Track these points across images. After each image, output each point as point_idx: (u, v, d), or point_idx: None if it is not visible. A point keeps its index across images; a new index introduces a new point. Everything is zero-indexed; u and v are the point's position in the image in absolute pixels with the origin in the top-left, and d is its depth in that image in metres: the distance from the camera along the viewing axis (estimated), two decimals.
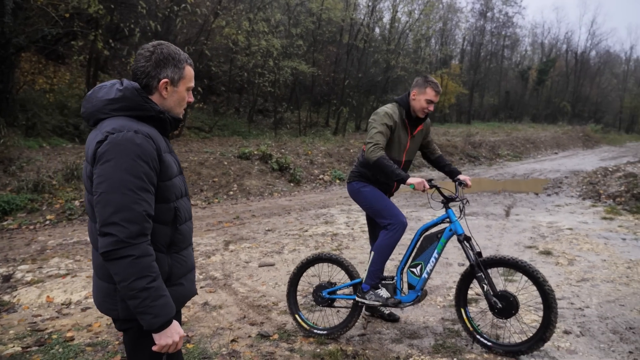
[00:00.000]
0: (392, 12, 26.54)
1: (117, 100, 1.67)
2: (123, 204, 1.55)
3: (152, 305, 1.57)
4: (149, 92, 1.74)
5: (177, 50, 1.77)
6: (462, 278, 3.38)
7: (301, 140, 17.16)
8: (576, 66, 50.39)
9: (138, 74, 1.73)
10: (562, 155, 22.49)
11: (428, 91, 3.42)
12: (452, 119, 38.34)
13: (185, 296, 1.86)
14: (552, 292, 3.01)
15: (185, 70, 1.78)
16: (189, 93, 1.84)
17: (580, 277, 4.83)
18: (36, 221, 7.75)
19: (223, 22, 16.39)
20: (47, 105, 14.03)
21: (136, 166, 1.57)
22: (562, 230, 6.87)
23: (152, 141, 1.64)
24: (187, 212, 1.86)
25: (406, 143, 3.57)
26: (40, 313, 4.21)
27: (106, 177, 1.56)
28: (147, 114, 1.70)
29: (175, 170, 1.77)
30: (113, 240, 1.53)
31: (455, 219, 3.29)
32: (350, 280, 3.56)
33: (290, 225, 7.40)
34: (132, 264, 1.54)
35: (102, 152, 1.57)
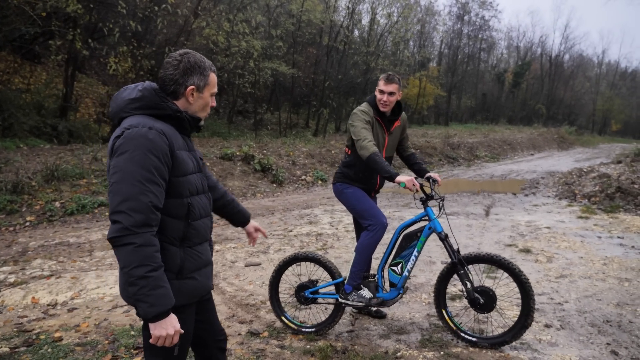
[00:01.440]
0: (371, 15, 26.81)
1: (137, 100, 1.79)
2: (130, 194, 1.63)
3: (148, 294, 1.62)
4: (175, 97, 1.86)
5: (202, 59, 1.87)
6: (440, 279, 3.46)
7: (282, 141, 17.19)
8: (550, 69, 51.68)
9: (166, 81, 1.84)
10: (538, 157, 23.05)
11: (379, 83, 3.50)
12: (430, 120, 38.87)
13: (197, 289, 1.91)
14: (528, 281, 3.14)
15: (210, 78, 1.90)
16: (213, 98, 1.95)
17: (559, 273, 5.02)
18: (16, 223, 7.61)
19: (203, 22, 16.31)
20: (23, 106, 13.73)
21: (147, 160, 1.66)
22: (540, 229, 7.09)
23: (166, 137, 1.73)
24: (204, 209, 1.93)
25: (384, 140, 3.63)
26: (26, 314, 4.17)
27: (119, 169, 1.66)
28: (165, 112, 1.80)
29: (191, 168, 1.85)
30: (119, 227, 1.62)
31: (434, 217, 3.36)
32: (331, 278, 3.61)
33: (274, 226, 7.44)
34: (134, 252, 1.61)
35: (118, 146, 1.69)
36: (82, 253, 6.04)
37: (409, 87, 33.75)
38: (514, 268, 3.16)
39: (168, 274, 1.77)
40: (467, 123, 40.57)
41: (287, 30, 22.45)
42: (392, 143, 3.72)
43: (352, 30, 26.18)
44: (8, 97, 13.48)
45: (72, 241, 6.64)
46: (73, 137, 13.94)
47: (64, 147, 12.19)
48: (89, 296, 4.58)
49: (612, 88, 59.27)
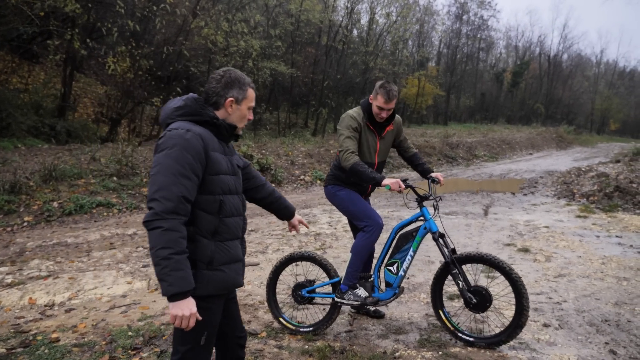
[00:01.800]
0: (370, 14, 26.82)
1: (180, 108, 2.05)
2: (164, 184, 1.86)
3: (169, 274, 1.81)
4: (216, 108, 2.11)
5: (242, 76, 2.14)
6: (435, 280, 3.46)
7: (281, 141, 17.17)
8: (549, 69, 51.74)
9: (210, 94, 2.10)
10: (536, 156, 23.07)
11: (378, 98, 3.43)
12: (429, 120, 38.89)
13: (226, 282, 2.07)
14: (520, 279, 3.12)
15: (248, 92, 2.14)
16: (250, 112, 2.19)
17: (558, 273, 5.02)
18: (13, 223, 7.59)
19: (202, 22, 16.28)
20: (21, 105, 13.70)
21: (182, 156, 1.90)
22: (538, 229, 7.09)
23: (201, 139, 1.96)
24: (235, 209, 2.13)
25: (375, 145, 3.61)
26: (23, 315, 4.16)
27: (157, 163, 1.91)
28: (203, 118, 2.04)
29: (224, 169, 2.06)
30: (152, 212, 1.85)
31: (430, 217, 3.37)
32: (328, 277, 3.62)
33: (273, 226, 7.43)
34: (161, 235, 1.82)
35: (159, 144, 1.95)
36: (80, 253, 6.02)
37: (408, 87, 33.77)
38: (505, 267, 3.15)
39: (199, 264, 1.97)
40: (466, 123, 40.59)
41: (285, 29, 22.44)
42: (385, 147, 3.70)
43: (351, 30, 26.18)
44: (6, 97, 13.45)
45: (69, 241, 6.62)
46: (71, 137, 13.91)
47: (62, 147, 12.17)
48: (87, 297, 4.56)
49: (611, 87, 59.36)
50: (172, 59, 16.67)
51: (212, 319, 2.06)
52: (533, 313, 3.90)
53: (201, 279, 1.98)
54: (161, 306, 4.27)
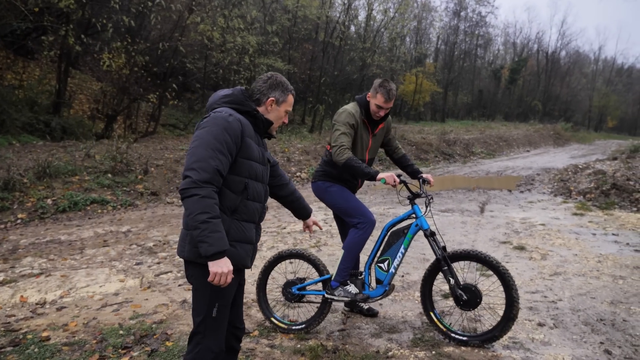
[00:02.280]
0: (368, 10, 26.73)
1: (227, 96, 2.28)
2: (203, 156, 2.05)
3: (209, 235, 1.99)
4: (258, 104, 2.33)
5: (286, 82, 2.38)
6: (425, 279, 3.44)
7: (278, 137, 17.13)
8: (547, 66, 51.72)
9: (255, 91, 2.34)
10: (533, 153, 23.07)
11: (378, 97, 3.45)
12: (426, 117, 38.83)
13: (234, 258, 2.19)
14: (508, 272, 3.11)
15: (288, 97, 2.38)
16: (286, 116, 2.41)
17: (553, 271, 4.99)
18: (7, 220, 7.53)
19: (198, 18, 16.18)
20: (16, 102, 13.59)
21: (221, 134, 2.10)
22: (535, 226, 7.07)
23: (240, 124, 2.17)
24: (258, 195, 2.30)
25: (368, 141, 3.63)
26: (13, 313, 4.11)
27: (198, 137, 2.11)
28: (245, 108, 2.27)
29: (255, 155, 2.24)
30: (189, 180, 2.02)
31: (421, 215, 3.37)
32: (318, 274, 3.60)
33: (268, 223, 7.39)
34: (198, 201, 2.00)
35: (203, 123, 2.17)
36: (73, 251, 5.97)
37: (405, 84, 33.70)
38: (491, 260, 3.14)
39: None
40: (463, 119, 40.56)
41: (282, 26, 22.35)
42: (375, 145, 3.72)
43: (348, 26, 26.09)
44: (0, 94, 13.35)
45: (63, 239, 6.57)
46: (66, 134, 13.82)
47: (56, 144, 12.10)
48: (79, 295, 4.52)
49: (608, 84, 59.41)
50: (167, 55, 16.57)
51: (224, 290, 2.19)
52: (527, 312, 3.88)
53: None
54: (153, 304, 4.23)
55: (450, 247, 5.96)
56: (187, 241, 2.18)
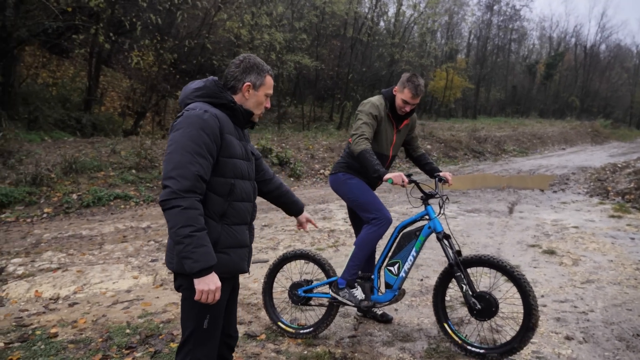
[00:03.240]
0: (397, 5, 26.28)
1: (200, 89, 2.07)
2: (181, 163, 1.87)
3: (193, 251, 1.82)
4: (234, 92, 2.12)
5: (261, 62, 2.14)
6: (437, 286, 3.22)
7: (304, 134, 17.02)
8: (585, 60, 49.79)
9: (228, 77, 2.12)
10: (569, 151, 22.18)
11: (405, 92, 3.30)
12: (457, 113, 38.02)
13: (229, 267, 2.07)
14: (524, 277, 2.89)
15: (266, 79, 2.14)
16: (267, 100, 2.19)
17: (585, 278, 4.65)
18: (33, 214, 7.69)
19: (225, 15, 16.22)
20: (49, 99, 13.98)
21: (198, 135, 1.90)
22: (567, 229, 6.68)
23: (218, 120, 1.97)
24: (246, 194, 2.13)
25: (392, 137, 3.47)
26: (27, 308, 4.12)
27: (174, 141, 1.92)
28: (221, 101, 2.06)
29: (238, 153, 2.05)
30: (168, 191, 1.84)
31: (435, 216, 3.15)
32: (325, 276, 3.44)
33: (287, 221, 7.27)
34: (180, 213, 1.82)
35: (176, 124, 1.97)
36: (93, 246, 6.01)
37: (436, 80, 33.05)
38: (505, 265, 2.91)
39: None
40: (496, 116, 39.51)
41: (310, 22, 22.21)
42: (399, 141, 3.56)
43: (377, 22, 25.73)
44: (34, 91, 13.76)
45: (84, 234, 6.63)
46: (97, 130, 14.12)
47: (85, 140, 12.33)
48: (92, 291, 4.51)
49: None
50: (195, 52, 16.69)
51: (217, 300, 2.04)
52: (555, 323, 3.60)
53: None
54: (163, 303, 4.16)
55: (475, 249, 5.69)
56: (175, 252, 2.00)
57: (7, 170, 8.68)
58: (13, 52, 11.91)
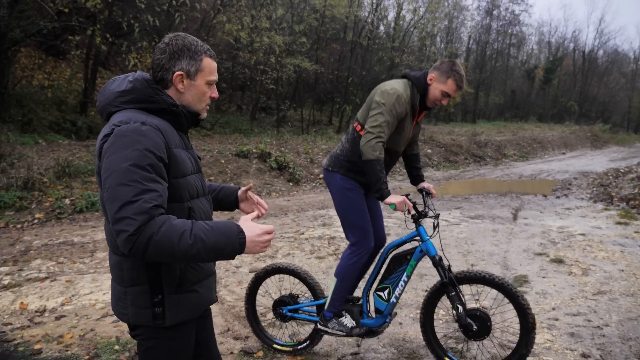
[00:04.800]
0: (397, 9, 26.16)
1: (127, 92, 1.59)
2: (130, 197, 1.41)
3: (212, 246, 1.44)
4: (164, 86, 1.65)
5: (194, 41, 1.65)
6: (425, 308, 2.97)
7: (303, 138, 16.83)
8: (583, 65, 49.82)
9: (154, 67, 1.64)
10: (570, 156, 22.04)
11: (449, 82, 2.81)
12: (457, 118, 37.91)
13: (200, 304, 1.71)
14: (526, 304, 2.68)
15: (204, 63, 1.65)
16: (212, 88, 1.72)
17: (597, 289, 4.45)
18: (24, 220, 7.46)
19: (224, 17, 16.06)
20: (44, 101, 13.75)
21: (142, 157, 1.46)
22: (574, 236, 6.49)
23: (161, 134, 1.54)
24: (205, 214, 1.72)
25: (409, 132, 3.01)
26: (11, 321, 3.90)
27: (112, 170, 1.45)
28: (158, 106, 1.60)
29: (189, 168, 1.65)
30: (126, 236, 1.38)
31: (427, 238, 2.85)
32: (312, 296, 3.20)
33: (286, 227, 7.06)
34: (160, 241, 1.39)
35: (108, 146, 1.49)
36: (84, 254, 5.79)
37: None
38: (505, 284, 2.69)
39: (166, 288, 1.59)
40: (495, 121, 39.41)
41: (310, 25, 22.07)
42: (412, 136, 3.16)
43: (376, 26, 25.59)
44: (29, 93, 13.52)
45: (76, 240, 6.42)
46: (92, 133, 13.88)
47: (81, 143, 12.12)
48: (80, 302, 4.29)
49: None
50: None
51: (184, 346, 1.69)
52: (569, 339, 3.40)
53: (170, 305, 1.60)
54: None
55: (480, 258, 5.50)
56: (128, 301, 1.60)
57: None
58: (7, 53, 11.69)
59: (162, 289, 1.59)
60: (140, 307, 1.59)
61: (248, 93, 23.45)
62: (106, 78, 18.27)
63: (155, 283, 1.58)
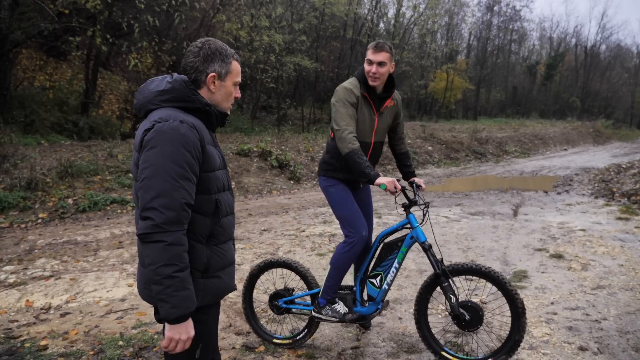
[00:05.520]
0: (397, 7, 26.16)
1: (167, 92, 1.74)
2: (163, 190, 1.58)
3: (173, 294, 1.58)
4: (197, 86, 1.80)
5: (224, 46, 1.83)
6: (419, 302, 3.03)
7: (303, 136, 16.87)
8: (586, 60, 49.71)
9: (187, 69, 1.79)
10: (571, 152, 22.03)
11: (367, 52, 3.02)
12: (458, 115, 37.91)
13: (222, 289, 1.88)
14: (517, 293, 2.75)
15: (232, 65, 1.83)
16: (236, 88, 1.89)
17: (596, 284, 4.49)
18: (28, 220, 7.52)
19: (224, 17, 16.10)
20: (46, 102, 13.84)
21: (179, 154, 1.61)
22: (574, 232, 6.52)
23: (197, 132, 1.69)
24: (229, 206, 1.90)
25: (373, 122, 3.12)
26: (17, 318, 3.96)
27: (150, 164, 1.60)
28: (194, 105, 1.76)
29: (218, 164, 1.81)
30: (150, 224, 1.57)
31: (417, 225, 2.95)
32: (307, 287, 3.30)
33: (287, 225, 7.11)
34: (163, 250, 1.57)
35: (148, 140, 1.63)
36: (87, 252, 5.85)
37: (436, 81, 32.94)
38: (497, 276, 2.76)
39: (194, 273, 1.74)
40: (496, 117, 39.38)
41: (310, 23, 22.10)
42: (383, 126, 3.20)
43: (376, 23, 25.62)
44: (31, 94, 13.61)
45: (79, 239, 6.48)
46: (94, 134, 13.98)
47: (82, 144, 12.19)
48: (85, 300, 4.35)
49: None
50: None
51: (208, 329, 1.87)
52: (567, 333, 3.43)
53: (197, 289, 1.75)
54: None
55: (480, 254, 5.54)
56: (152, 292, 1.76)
57: (1, 175, 8.52)
58: (9, 55, 11.77)
59: (191, 273, 1.72)
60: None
61: (248, 92, 23.50)
62: (107, 79, 18.34)
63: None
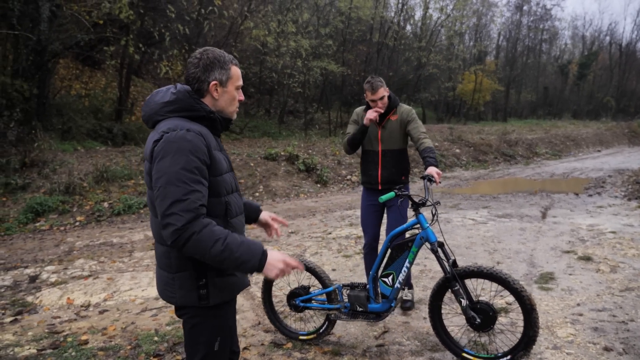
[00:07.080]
0: (424, 9, 26.04)
1: (172, 103, 1.84)
2: (179, 196, 1.68)
3: (240, 257, 1.70)
4: (201, 95, 1.90)
5: (221, 53, 1.91)
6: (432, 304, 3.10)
7: (330, 140, 16.99)
8: (621, 59, 48.16)
9: (190, 80, 1.89)
10: (605, 153, 21.42)
11: (366, 93, 3.79)
12: (487, 117, 37.34)
13: (238, 285, 1.97)
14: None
15: (232, 71, 1.92)
16: (239, 92, 1.98)
17: (624, 286, 4.43)
18: (67, 222, 7.90)
19: (251, 23, 16.42)
20: (82, 110, 14.40)
21: (189, 161, 1.71)
22: (604, 234, 6.41)
23: (203, 138, 1.78)
24: (238, 207, 2.00)
25: (376, 133, 3.87)
26: (59, 315, 4.21)
27: (163, 172, 1.70)
28: (199, 114, 1.85)
29: (225, 167, 1.91)
30: (173, 229, 1.66)
31: (427, 226, 3.02)
32: (321, 286, 3.39)
33: (314, 228, 7.23)
34: (199, 239, 1.66)
35: (159, 150, 1.73)
36: (123, 253, 6.11)
37: (464, 83, 32.56)
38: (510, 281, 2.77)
39: (209, 273, 1.84)
40: (527, 119, 38.59)
41: (336, 28, 22.25)
42: (388, 135, 3.86)
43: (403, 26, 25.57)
44: (67, 102, 14.20)
45: (115, 241, 6.76)
46: (127, 139, 14.45)
47: (117, 149, 12.64)
48: (121, 298, 4.57)
49: None
50: None
51: (225, 323, 1.97)
52: (592, 333, 3.43)
53: (213, 287, 1.86)
54: None
55: (506, 256, 5.52)
56: (176, 286, 1.86)
57: (41, 180, 8.97)
58: (47, 65, 12.32)
59: (206, 274, 1.84)
60: (187, 290, 1.84)
61: (276, 97, 23.81)
62: (139, 86, 18.94)
63: (199, 269, 1.83)
